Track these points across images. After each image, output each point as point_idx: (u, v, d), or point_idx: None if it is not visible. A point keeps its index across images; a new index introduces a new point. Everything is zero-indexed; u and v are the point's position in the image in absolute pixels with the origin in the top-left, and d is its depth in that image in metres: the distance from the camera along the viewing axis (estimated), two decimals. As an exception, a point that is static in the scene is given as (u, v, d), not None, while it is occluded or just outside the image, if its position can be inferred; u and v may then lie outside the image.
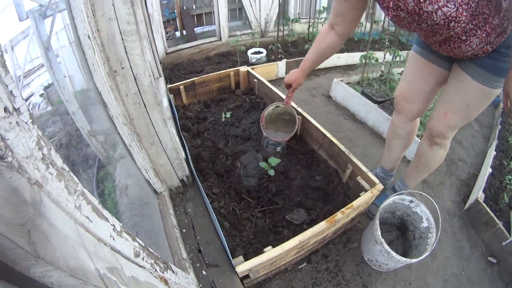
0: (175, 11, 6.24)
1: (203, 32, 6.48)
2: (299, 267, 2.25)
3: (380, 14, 7.29)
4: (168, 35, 6.08)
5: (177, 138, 2.32)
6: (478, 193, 2.90)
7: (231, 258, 1.82)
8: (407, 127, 2.29)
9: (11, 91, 0.56)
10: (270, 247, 1.78)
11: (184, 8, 6.23)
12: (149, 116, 1.83)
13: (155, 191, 2.22)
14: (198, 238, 2.21)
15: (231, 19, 6.29)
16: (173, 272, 1.33)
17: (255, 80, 3.64)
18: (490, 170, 3.33)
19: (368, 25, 6.98)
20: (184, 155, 2.39)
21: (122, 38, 1.51)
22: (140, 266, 0.97)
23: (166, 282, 1.14)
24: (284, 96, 3.01)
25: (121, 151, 1.98)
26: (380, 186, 2.18)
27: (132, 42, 1.54)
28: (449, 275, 2.44)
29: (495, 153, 3.73)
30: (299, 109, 2.89)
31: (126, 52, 1.55)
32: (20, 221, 0.47)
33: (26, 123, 0.58)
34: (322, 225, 1.87)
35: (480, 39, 1.48)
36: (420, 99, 2.09)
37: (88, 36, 1.35)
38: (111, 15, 1.45)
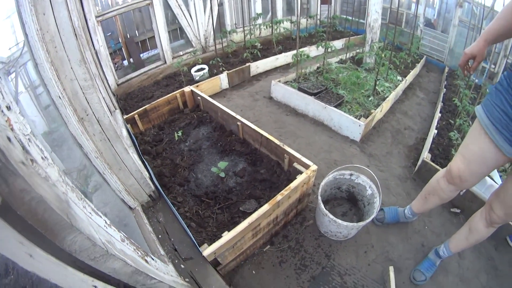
0: (120, 41, 6.48)
1: (149, 57, 6.76)
2: (264, 249, 2.72)
3: (314, 9, 7.84)
4: (116, 65, 6.29)
5: (139, 162, 2.87)
6: (424, 154, 3.33)
7: (199, 248, 2.25)
8: (453, 194, 2.30)
9: (46, 156, 1.13)
10: (226, 231, 2.24)
11: (128, 36, 6.49)
12: (114, 148, 2.42)
13: (130, 207, 2.77)
14: (172, 240, 2.70)
15: (174, 39, 6.62)
16: (152, 259, 1.88)
17: (198, 97, 4.18)
18: (436, 131, 3.78)
19: (303, 20, 7.53)
20: (148, 175, 2.95)
21: (83, 92, 2.09)
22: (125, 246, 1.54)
23: (146, 261, 1.70)
24: (227, 110, 3.56)
25: (95, 183, 2.39)
26: (314, 167, 2.64)
27: (90, 94, 2.13)
28: (412, 232, 2.86)
29: (440, 115, 4.19)
30: (238, 117, 3.43)
31: (88, 102, 2.13)
32: (63, 209, 1.05)
33: (51, 164, 1.15)
34: (265, 207, 2.32)
35: None
36: (474, 180, 2.06)
37: (59, 97, 1.91)
38: (72, 76, 2.03)
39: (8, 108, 0.96)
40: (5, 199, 0.90)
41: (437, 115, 4.21)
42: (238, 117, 3.45)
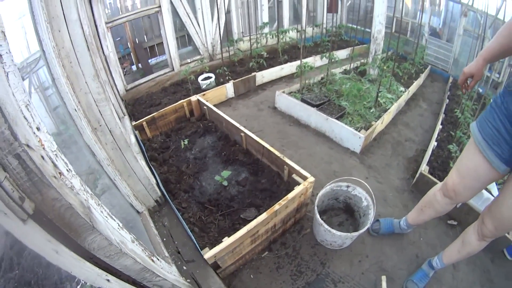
0: (129, 46, 6.68)
1: (157, 63, 6.96)
2: (262, 255, 2.87)
3: (320, 17, 7.98)
4: (125, 70, 6.48)
5: (147, 168, 3.06)
6: (422, 167, 3.41)
7: (200, 251, 2.38)
8: (448, 208, 2.37)
9: (70, 168, 1.33)
10: (226, 237, 2.38)
11: (137, 41, 6.66)
12: (124, 156, 2.62)
13: (137, 211, 2.97)
14: (176, 243, 2.88)
15: (181, 45, 6.83)
16: (158, 259, 2.06)
17: (205, 107, 4.37)
18: (435, 143, 3.85)
19: (309, 29, 7.63)
20: (155, 181, 3.15)
21: (96, 105, 2.29)
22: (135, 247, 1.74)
23: (152, 260, 1.89)
24: (231, 120, 3.73)
25: (102, 186, 2.53)
26: (311, 179, 2.78)
27: (104, 106, 2.33)
28: (407, 243, 2.94)
29: (441, 126, 4.26)
30: (241, 128, 3.61)
31: (101, 114, 2.34)
32: (86, 213, 1.24)
33: (74, 175, 1.35)
34: (263, 216, 2.47)
35: None
36: (468, 194, 2.13)
37: (75, 109, 2.11)
38: (86, 89, 2.23)
39: (38, 128, 1.16)
40: (38, 206, 1.10)
41: (438, 126, 4.30)
42: (241, 128, 3.62)
